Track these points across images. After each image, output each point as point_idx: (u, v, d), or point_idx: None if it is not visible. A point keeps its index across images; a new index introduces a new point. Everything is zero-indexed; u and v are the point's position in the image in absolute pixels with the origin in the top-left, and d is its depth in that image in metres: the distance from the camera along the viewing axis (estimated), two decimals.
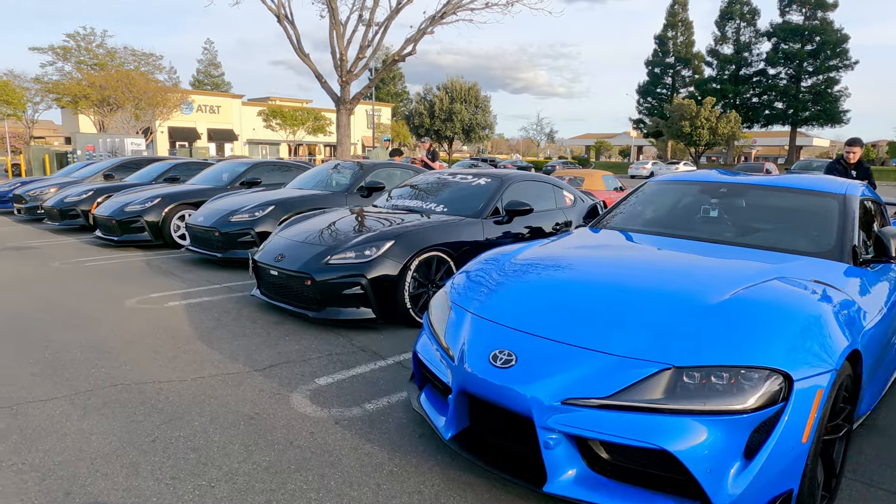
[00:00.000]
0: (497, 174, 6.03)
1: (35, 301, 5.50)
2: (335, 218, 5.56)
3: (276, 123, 43.04)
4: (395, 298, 4.63)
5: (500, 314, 2.58)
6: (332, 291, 4.56)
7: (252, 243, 6.92)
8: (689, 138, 26.90)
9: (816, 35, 46.23)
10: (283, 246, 5.03)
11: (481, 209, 5.49)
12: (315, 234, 5.08)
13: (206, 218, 7.22)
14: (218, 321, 4.90)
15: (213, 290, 6.00)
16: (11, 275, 6.71)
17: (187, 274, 6.81)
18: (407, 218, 5.29)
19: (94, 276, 6.71)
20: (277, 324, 4.86)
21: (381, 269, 4.57)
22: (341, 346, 4.33)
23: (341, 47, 13.14)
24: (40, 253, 8.31)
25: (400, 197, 6.15)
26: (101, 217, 8.87)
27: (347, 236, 4.87)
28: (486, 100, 39.00)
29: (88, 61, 40.83)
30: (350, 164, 8.94)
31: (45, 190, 12.73)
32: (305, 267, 4.64)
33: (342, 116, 13.27)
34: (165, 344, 4.31)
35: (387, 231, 4.85)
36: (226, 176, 10.02)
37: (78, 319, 4.91)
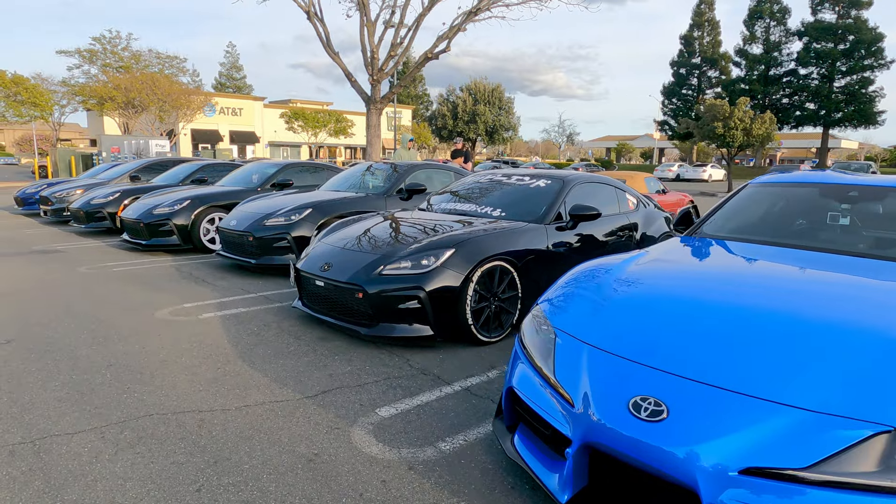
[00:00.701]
0: (557, 175, 5.52)
1: (61, 310, 5.11)
2: (383, 223, 5.10)
3: (299, 125, 42.89)
4: (455, 314, 4.14)
5: (632, 348, 2.07)
6: (386, 305, 4.09)
7: (287, 249, 6.49)
8: (721, 140, 26.05)
9: (850, 34, 44.89)
10: (329, 254, 4.57)
11: (543, 214, 4.98)
12: (364, 242, 4.61)
13: (238, 222, 6.81)
14: (258, 336, 4.45)
15: (249, 300, 5.56)
16: (37, 280, 6.36)
17: (220, 281, 6.40)
18: (463, 223, 4.80)
19: (122, 282, 6.33)
20: (323, 340, 4.40)
21: (441, 280, 4.08)
22: (398, 368, 3.85)
23: (372, 45, 12.71)
24: (66, 257, 7.97)
25: (450, 200, 5.67)
26: (128, 220, 8.53)
27: (401, 244, 4.40)
28: (510, 101, 38.44)
29: (114, 64, 41.14)
30: (384, 166, 8.50)
31: (71, 191, 12.50)
32: (356, 278, 4.17)
33: (372, 116, 12.84)
34: (203, 363, 3.86)
35: (445, 238, 4.36)
36: (255, 178, 9.64)
37: (106, 332, 4.49)
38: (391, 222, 5.09)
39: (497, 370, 3.86)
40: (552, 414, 2.14)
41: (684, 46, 55.55)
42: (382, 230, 4.85)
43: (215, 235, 8.48)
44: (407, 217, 5.26)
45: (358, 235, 4.79)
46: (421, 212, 5.58)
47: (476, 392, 3.50)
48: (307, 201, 6.87)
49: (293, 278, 4.78)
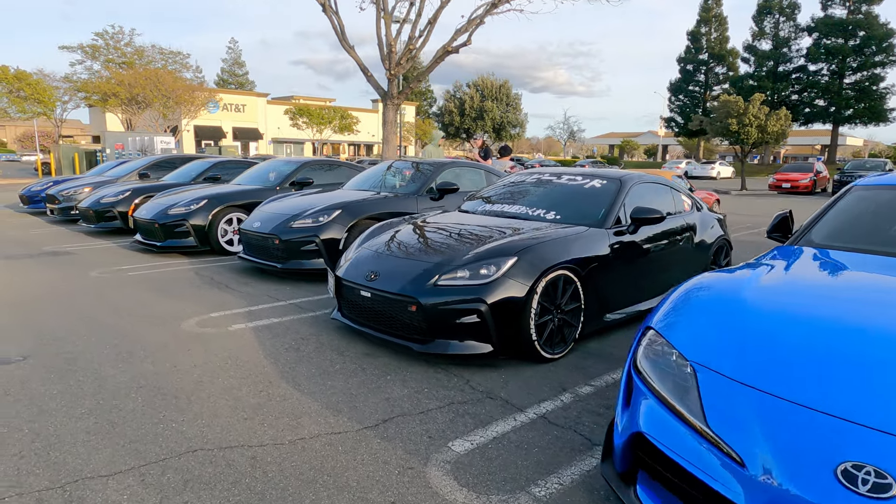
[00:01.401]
0: (613, 175, 5.11)
1: (78, 321, 4.72)
2: (430, 227, 4.71)
3: (303, 122, 42.44)
4: (518, 329, 3.75)
5: (823, 397, 1.68)
6: (443, 319, 3.70)
7: (316, 252, 6.10)
8: (735, 137, 25.61)
9: (860, 29, 44.35)
10: (374, 261, 4.17)
11: (603, 217, 4.58)
12: (414, 248, 4.22)
13: (262, 223, 6.41)
14: (298, 352, 4.06)
15: (280, 309, 5.17)
16: (49, 286, 5.97)
17: (244, 287, 6.01)
18: (516, 227, 4.41)
19: (139, 288, 5.93)
20: (369, 356, 4.01)
21: (504, 292, 3.69)
22: (459, 391, 3.46)
23: (390, 38, 12.28)
24: (77, 259, 7.58)
25: (495, 201, 5.27)
26: (142, 220, 8.13)
27: (456, 250, 4.00)
28: (517, 97, 37.98)
29: (117, 59, 40.76)
30: (408, 164, 8.11)
31: (78, 189, 12.11)
32: (409, 289, 3.78)
33: (389, 112, 12.43)
34: (243, 385, 3.47)
35: (505, 244, 3.96)
36: (273, 176, 9.24)
37: (131, 347, 4.10)
38: (438, 226, 4.70)
39: (570, 393, 3.47)
40: (708, 471, 1.75)
41: (691, 42, 55.01)
42: (431, 235, 4.45)
43: (233, 237, 8.10)
44: (453, 220, 4.86)
45: (405, 240, 4.39)
46: (465, 214, 5.18)
47: (555, 421, 3.10)
48: (335, 202, 6.47)
49: (333, 287, 4.38)
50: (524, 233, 4.21)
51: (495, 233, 4.29)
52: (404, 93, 12.56)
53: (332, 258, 6.11)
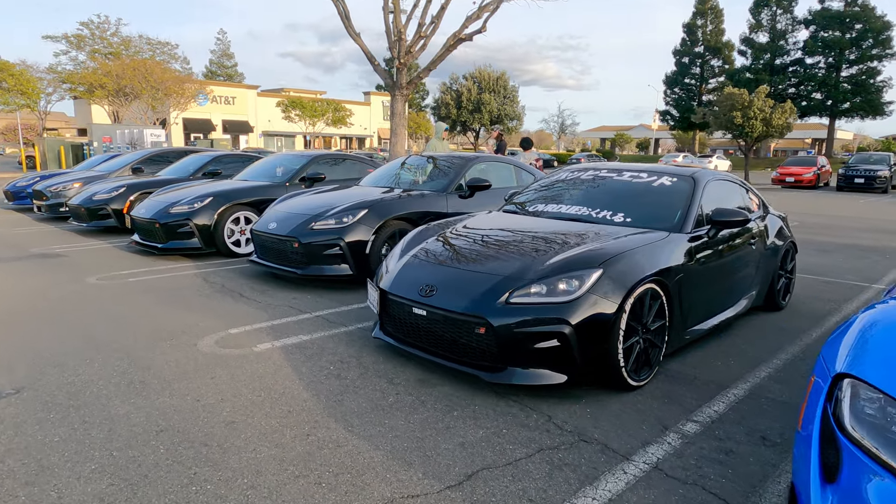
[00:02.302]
0: (683, 172, 4.56)
1: (78, 339, 4.10)
2: (483, 231, 4.13)
3: (296, 114, 41.55)
4: (603, 354, 3.19)
5: None
6: (517, 344, 3.13)
7: (340, 257, 5.50)
8: (740, 130, 25.19)
9: (857, 22, 44.15)
10: (427, 272, 3.58)
11: (681, 220, 4.02)
12: (475, 257, 3.63)
13: (279, 224, 5.80)
14: (340, 380, 3.47)
15: (307, 324, 4.58)
16: (41, 295, 5.33)
17: (261, 296, 5.40)
18: (583, 232, 3.85)
19: (143, 298, 5.31)
20: (424, 384, 3.43)
21: (590, 311, 3.12)
22: (544, 430, 2.90)
23: (399, 25, 11.63)
24: (70, 263, 6.92)
25: (547, 200, 4.69)
26: (140, 220, 7.48)
27: (526, 261, 3.43)
28: (514, 89, 37.34)
29: (103, 50, 39.59)
30: (422, 160, 7.53)
31: (67, 185, 11.39)
32: (476, 307, 3.20)
33: (398, 103, 11.79)
34: (285, 427, 2.89)
35: (586, 254, 3.40)
36: (280, 171, 8.61)
37: (143, 374, 3.50)
38: (493, 230, 4.12)
39: (675, 433, 2.92)
40: None
41: (687, 35, 54.63)
42: (491, 241, 3.87)
43: (240, 237, 7.47)
44: (508, 223, 4.29)
45: (462, 248, 3.81)
46: (516, 215, 4.61)
47: (673, 473, 2.55)
48: (359, 200, 5.87)
49: (376, 302, 3.79)
50: (601, 240, 3.64)
51: (565, 238, 3.72)
52: (413, 83, 11.94)
53: (358, 263, 5.52)
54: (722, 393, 3.44)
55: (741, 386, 3.55)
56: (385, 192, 6.28)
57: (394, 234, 5.72)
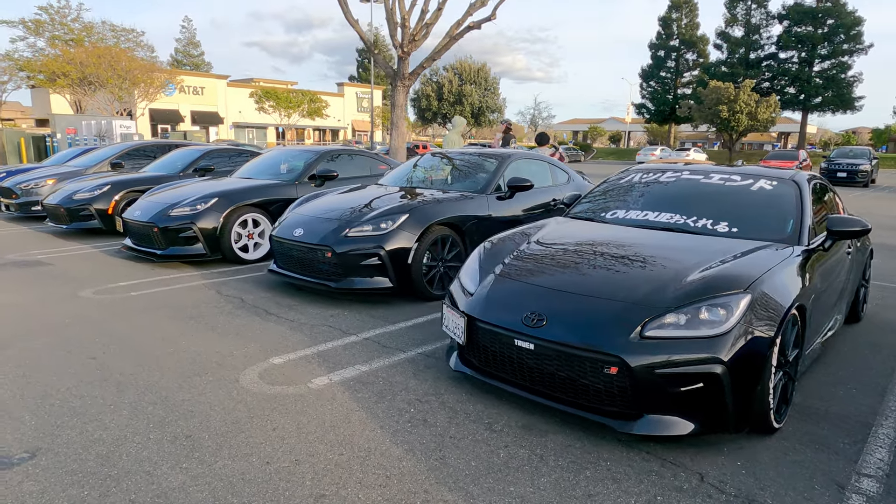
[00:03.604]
0: (782, 175, 4.08)
1: (92, 376, 3.42)
2: (571, 243, 3.59)
3: (270, 105, 40.27)
4: (755, 393, 2.68)
5: None
6: (659, 386, 2.60)
7: (380, 268, 4.90)
8: (725, 123, 25.18)
9: (829, 17, 44.86)
10: (531, 297, 3.00)
11: (795, 231, 3.54)
12: (580, 277, 3.08)
13: (307, 230, 5.15)
14: (429, 427, 2.89)
15: (358, 349, 3.97)
16: (32, 316, 4.59)
17: (291, 313, 4.76)
18: (691, 246, 3.34)
19: (156, 317, 4.62)
20: (531, 430, 2.88)
21: (742, 344, 2.61)
22: (706, 497, 2.38)
23: (403, 11, 10.93)
24: (57, 273, 6.14)
25: (630, 207, 4.16)
26: (135, 223, 6.71)
27: (651, 283, 2.89)
28: (495, 81, 36.81)
29: (63, 36, 37.62)
30: (446, 157, 6.96)
31: (39, 182, 10.46)
32: (607, 342, 2.65)
33: (399, 94, 11.11)
34: (389, 500, 2.30)
35: (721, 275, 2.88)
36: (286, 168, 7.91)
37: (186, 425, 2.86)
38: (585, 243, 3.57)
39: (857, 494, 2.43)
40: None
41: (662, 28, 54.89)
42: (593, 257, 3.31)
43: (248, 242, 6.78)
44: (598, 234, 3.74)
45: (560, 265, 3.26)
46: (593, 223, 4.07)
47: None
48: (397, 204, 5.26)
49: (462, 331, 3.20)
50: (722, 255, 3.13)
51: (679, 254, 3.20)
52: (416, 73, 11.28)
53: (399, 274, 4.93)
54: (872, 432, 2.97)
55: (886, 423, 3.09)
56: (421, 193, 5.68)
57: (436, 241, 5.13)
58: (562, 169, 7.06)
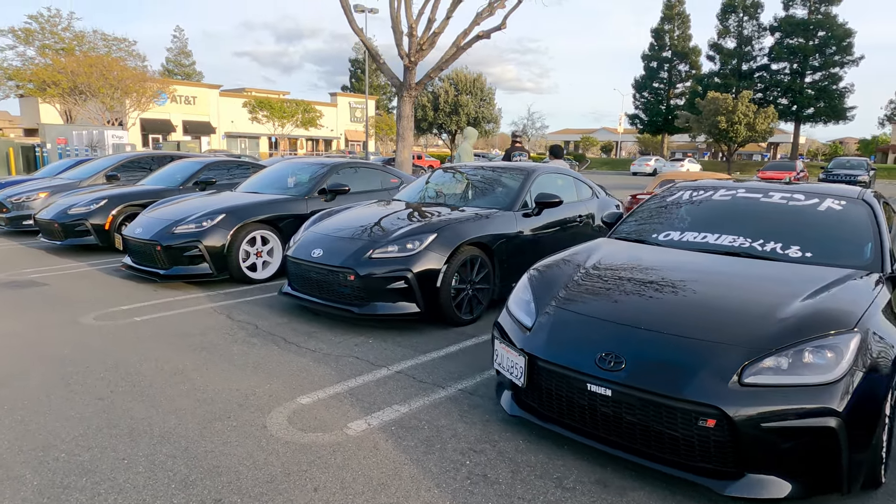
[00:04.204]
0: (848, 193, 3.79)
1: (99, 420, 3.04)
2: (632, 270, 3.26)
3: (264, 115, 39.86)
4: (865, 445, 2.36)
5: None
6: (765, 441, 2.27)
7: (405, 292, 4.55)
8: (724, 134, 25.11)
9: (821, 29, 45.24)
10: (604, 334, 2.67)
11: (877, 256, 3.24)
12: (656, 311, 2.75)
13: (326, 251, 4.79)
14: (492, 484, 2.53)
15: (392, 385, 3.61)
16: (28, 346, 4.19)
17: (311, 341, 4.39)
18: (774, 274, 3.03)
19: (164, 347, 4.23)
20: (607, 487, 2.53)
21: (855, 391, 2.29)
22: None
23: (410, 20, 10.64)
24: (53, 295, 5.74)
25: (681, 228, 3.85)
26: (136, 241, 6.32)
27: (741, 321, 2.57)
28: (491, 92, 36.66)
29: (54, 45, 37.11)
30: (464, 171, 6.65)
31: (31, 195, 10.03)
32: (704, 390, 2.32)
33: (405, 105, 10.80)
34: None
35: (817, 309, 2.57)
36: (293, 181, 7.57)
37: (214, 485, 2.49)
38: (649, 269, 3.24)
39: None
40: None
41: (655, 40, 55.20)
42: (662, 287, 2.97)
43: (256, 260, 6.41)
44: (659, 260, 3.42)
45: (629, 297, 2.92)
46: (646, 246, 3.75)
47: None
48: (424, 222, 4.92)
49: (521, 370, 2.86)
50: (808, 285, 2.82)
51: (761, 284, 2.88)
52: (423, 83, 10.99)
53: (427, 299, 4.58)
54: None
55: None
56: (444, 212, 5.35)
57: (465, 262, 4.79)
58: (586, 183, 6.76)
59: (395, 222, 5.05)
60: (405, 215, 5.25)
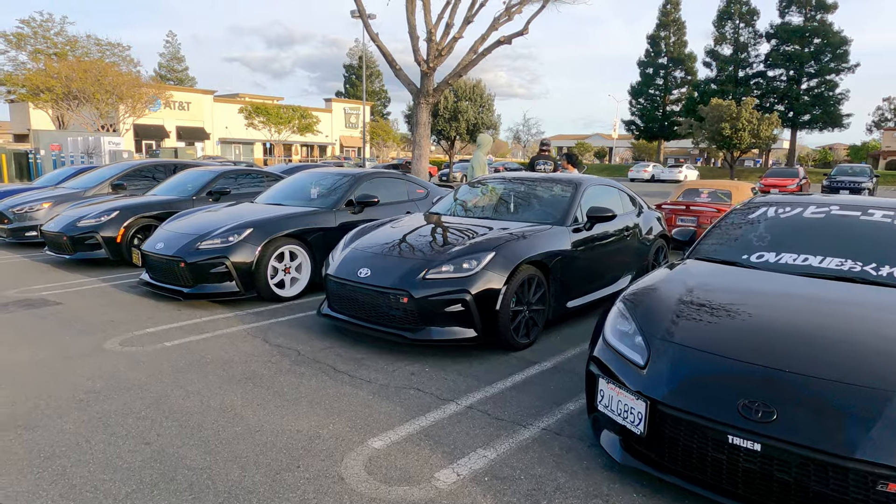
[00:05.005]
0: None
1: (153, 472, 2.68)
2: (742, 298, 2.95)
3: (260, 121, 39.44)
4: None
5: None
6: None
7: (463, 316, 4.21)
8: (728, 141, 25.01)
9: (816, 37, 45.46)
10: (742, 377, 2.35)
11: None
12: (797, 350, 2.43)
13: (375, 271, 4.45)
14: None
15: (468, 424, 3.27)
16: (52, 377, 3.82)
17: (363, 370, 4.04)
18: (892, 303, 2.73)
19: (204, 378, 3.87)
20: None
21: None
22: None
23: (429, 24, 10.33)
24: (70, 316, 5.36)
25: (775, 248, 3.54)
26: (157, 257, 5.95)
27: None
28: (490, 98, 36.45)
29: (46, 50, 36.52)
30: (493, 184, 6.36)
31: (34, 205, 9.62)
32: (880, 450, 2.01)
33: (422, 112, 10.46)
34: None
35: None
36: (315, 192, 7.22)
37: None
38: (761, 298, 2.94)
39: None
40: None
41: (651, 46, 55.33)
42: (798, 321, 2.65)
43: (284, 277, 6.05)
44: (762, 286, 3.11)
45: (759, 332, 2.60)
46: (739, 268, 3.44)
47: None
48: (477, 239, 4.59)
49: (641, 418, 2.53)
50: None
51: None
52: (441, 89, 10.66)
53: (485, 322, 4.24)
54: None
55: None
56: (496, 227, 5.02)
57: (523, 282, 4.47)
58: (629, 195, 6.48)
59: (445, 239, 4.72)
60: (454, 231, 4.93)
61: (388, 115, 77.72)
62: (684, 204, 9.82)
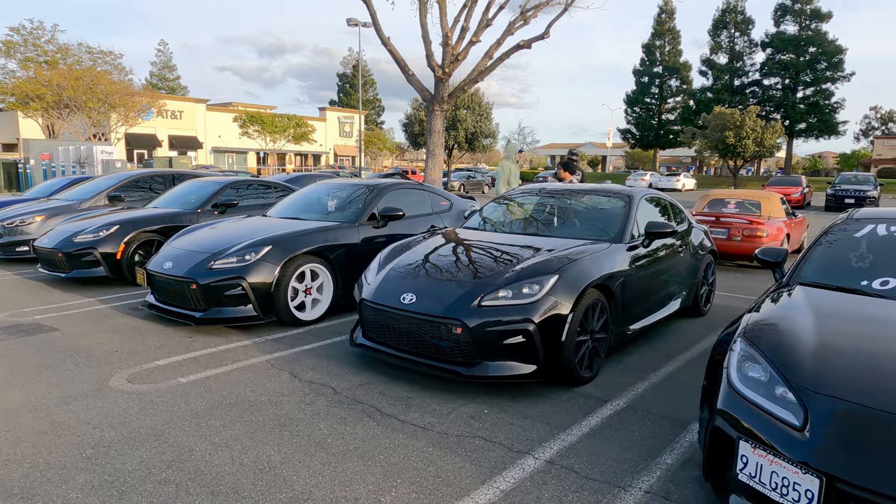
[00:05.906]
0: None
1: None
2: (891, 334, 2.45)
3: (255, 130, 38.84)
4: None
5: None
6: None
7: (523, 348, 3.68)
8: (732, 150, 24.72)
9: (811, 46, 45.59)
10: None
11: None
12: None
13: (420, 296, 3.91)
14: None
15: (554, 485, 2.74)
16: (51, 426, 3.25)
17: (409, 411, 3.51)
18: None
19: (230, 425, 3.32)
20: None
21: None
22: None
23: (445, 28, 9.87)
24: (68, 345, 4.78)
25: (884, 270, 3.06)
26: (164, 277, 5.39)
27: None
28: (488, 107, 36.08)
29: (36, 58, 35.83)
30: (533, 196, 5.87)
31: (26, 219, 9.02)
32: None
33: (436, 119, 9.98)
34: None
35: None
36: (332, 204, 6.70)
37: None
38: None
39: None
40: None
41: (646, 55, 55.34)
42: None
43: (305, 298, 5.51)
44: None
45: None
46: (864, 297, 2.95)
47: None
48: (536, 260, 4.08)
49: (813, 496, 2.01)
50: None
51: None
52: (455, 96, 10.19)
53: (549, 355, 3.73)
54: None
55: None
56: (544, 243, 4.52)
57: (588, 308, 3.95)
58: (678, 206, 6.00)
59: (496, 259, 4.21)
60: (500, 251, 4.41)
61: (382, 124, 77.41)
62: (713, 215, 9.37)
